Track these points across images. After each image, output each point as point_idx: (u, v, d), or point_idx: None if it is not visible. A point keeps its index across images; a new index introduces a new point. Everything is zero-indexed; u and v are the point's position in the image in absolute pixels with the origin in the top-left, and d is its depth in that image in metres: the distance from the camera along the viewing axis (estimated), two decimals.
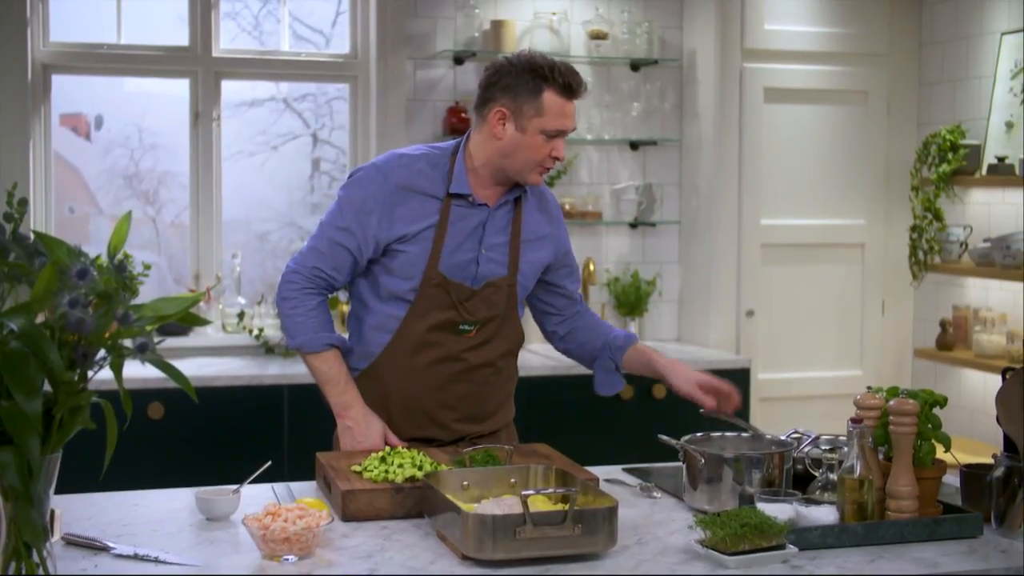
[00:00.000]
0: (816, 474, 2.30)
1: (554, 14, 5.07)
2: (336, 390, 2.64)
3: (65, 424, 1.66)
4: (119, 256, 1.69)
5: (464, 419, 2.71)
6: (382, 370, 2.68)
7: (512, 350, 2.77)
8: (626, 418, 4.59)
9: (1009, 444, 2.29)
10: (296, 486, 2.52)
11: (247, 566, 1.97)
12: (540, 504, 2.11)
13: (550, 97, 2.54)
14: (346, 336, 2.75)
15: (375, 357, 2.69)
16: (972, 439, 4.79)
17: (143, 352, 1.63)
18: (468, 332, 2.65)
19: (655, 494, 2.47)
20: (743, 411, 4.65)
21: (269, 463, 2.44)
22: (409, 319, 2.64)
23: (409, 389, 2.66)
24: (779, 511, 2.10)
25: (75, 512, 2.28)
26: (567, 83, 2.54)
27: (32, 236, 1.67)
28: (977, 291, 4.99)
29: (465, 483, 2.24)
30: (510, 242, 2.69)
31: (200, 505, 2.26)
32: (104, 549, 2.05)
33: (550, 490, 2.15)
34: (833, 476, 2.22)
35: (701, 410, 2.64)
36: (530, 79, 2.55)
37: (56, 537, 2.08)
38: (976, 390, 4.93)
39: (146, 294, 1.71)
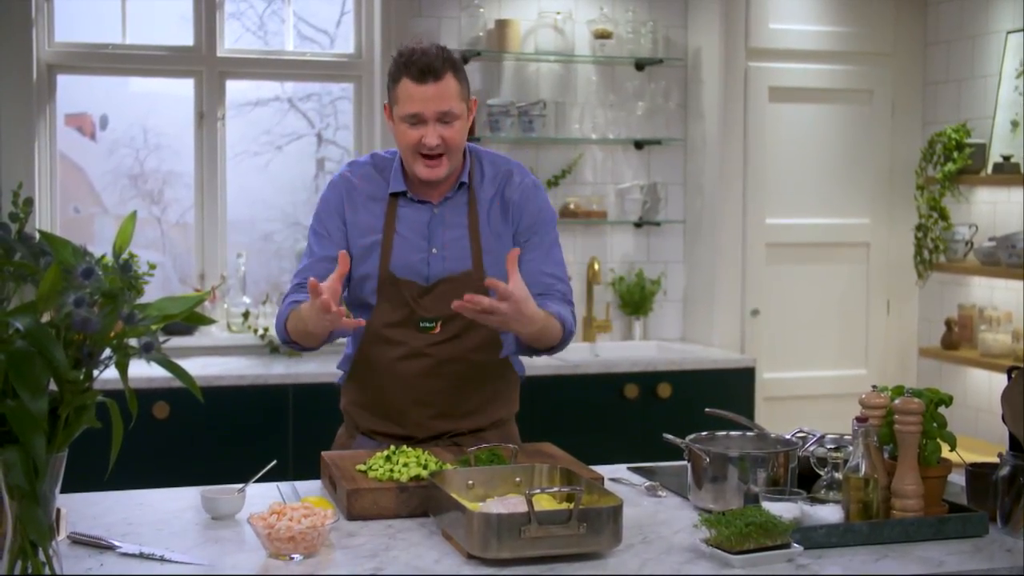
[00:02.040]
0: (821, 473, 2.30)
1: (558, 13, 5.07)
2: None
3: (71, 423, 1.66)
4: (124, 256, 1.70)
5: (440, 416, 2.67)
6: (357, 372, 2.71)
7: (489, 346, 2.68)
8: (631, 417, 4.58)
9: (1015, 443, 2.28)
10: (301, 485, 2.52)
11: (252, 565, 1.97)
12: (545, 503, 2.11)
13: (403, 84, 2.56)
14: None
15: (351, 360, 2.72)
16: (977, 438, 4.79)
17: (148, 351, 1.64)
18: (431, 328, 2.63)
19: (660, 493, 2.47)
20: (748, 410, 4.67)
21: (274, 462, 2.45)
22: (372, 319, 2.66)
23: (380, 388, 2.66)
24: (784, 510, 2.10)
25: (81, 511, 2.29)
26: (418, 68, 2.54)
27: (38, 236, 1.68)
28: (982, 290, 4.98)
29: (470, 482, 2.24)
30: (469, 235, 2.66)
31: (205, 504, 2.26)
32: (110, 548, 2.06)
33: (555, 489, 2.14)
34: (838, 475, 2.22)
35: (707, 409, 2.64)
36: (393, 71, 2.60)
37: (62, 536, 2.08)
38: (981, 389, 4.93)
39: (151, 294, 1.71)
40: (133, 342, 1.65)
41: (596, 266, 5.05)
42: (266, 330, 4.75)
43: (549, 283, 2.68)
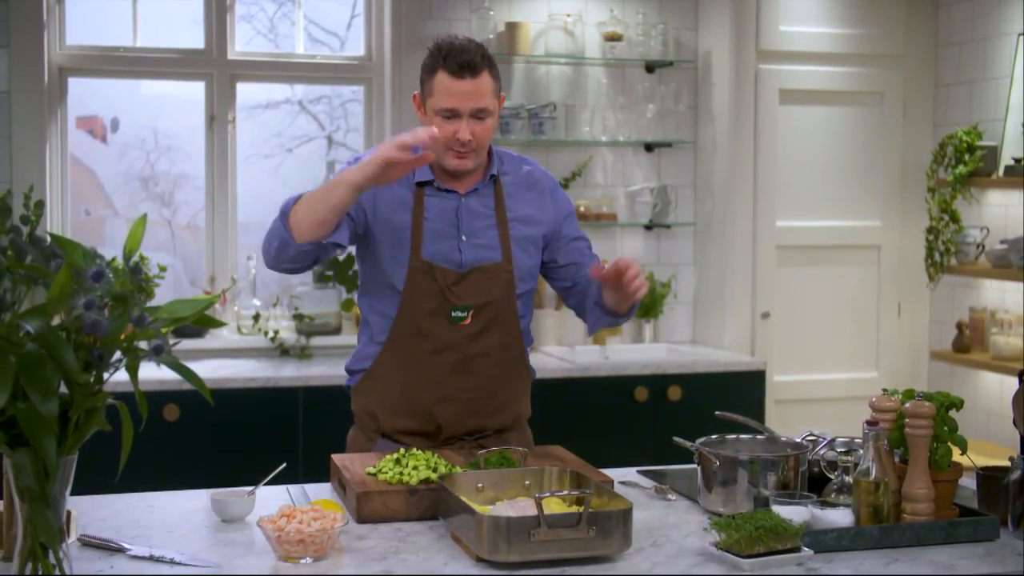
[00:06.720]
0: (831, 476, 2.29)
1: (568, 16, 5.07)
2: (338, 178, 2.45)
3: (81, 426, 1.66)
4: (134, 258, 1.70)
5: (468, 413, 2.68)
6: (382, 367, 2.69)
7: (512, 341, 2.71)
8: (641, 420, 4.58)
9: None
10: (311, 488, 2.52)
11: (262, 568, 1.98)
12: (554, 506, 2.11)
13: (439, 78, 2.58)
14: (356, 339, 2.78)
15: (375, 356, 2.69)
16: (989, 442, 4.77)
17: (158, 354, 1.64)
18: (462, 319, 2.64)
19: (670, 496, 2.47)
20: (758, 413, 4.66)
21: (284, 465, 2.45)
22: (402, 309, 2.65)
23: (409, 384, 2.66)
24: (794, 513, 2.09)
25: (91, 513, 2.29)
26: (456, 63, 2.55)
27: (48, 238, 1.68)
28: (994, 293, 4.97)
29: (479, 485, 2.24)
30: (497, 226, 2.69)
31: (215, 507, 2.26)
32: (120, 550, 2.06)
33: (564, 492, 2.14)
34: (848, 479, 2.21)
35: (717, 412, 2.63)
36: (429, 63, 2.61)
37: (72, 538, 2.09)
38: (993, 392, 4.91)
39: (161, 296, 1.71)
40: (143, 344, 1.65)
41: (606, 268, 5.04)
42: (276, 332, 4.75)
43: (593, 255, 2.84)
